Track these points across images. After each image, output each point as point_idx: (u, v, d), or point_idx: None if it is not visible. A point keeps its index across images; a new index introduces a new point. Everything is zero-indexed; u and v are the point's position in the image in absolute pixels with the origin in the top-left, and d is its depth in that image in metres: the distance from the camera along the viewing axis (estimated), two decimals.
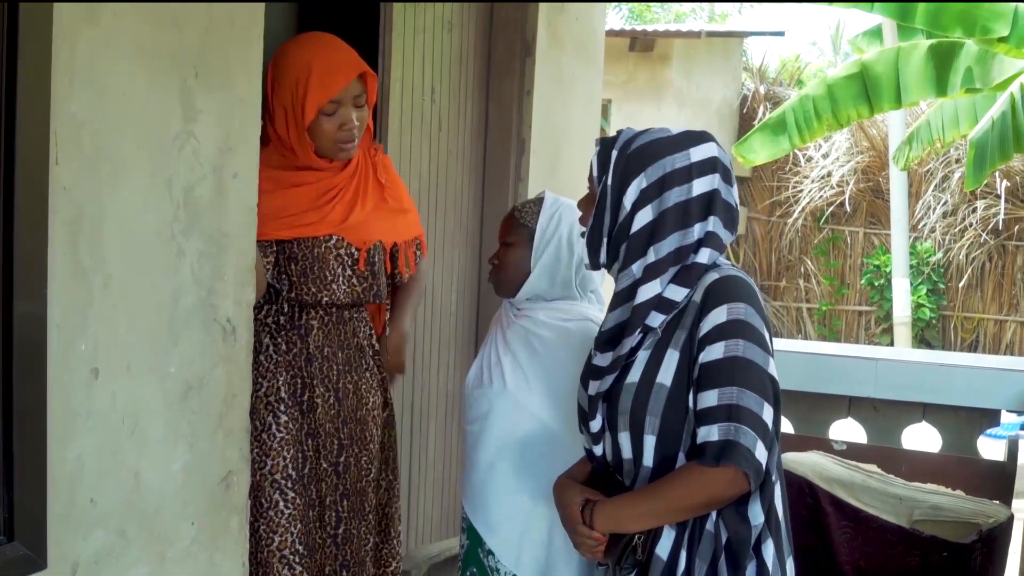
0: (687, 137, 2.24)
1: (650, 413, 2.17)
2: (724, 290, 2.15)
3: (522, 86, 4.62)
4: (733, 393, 2.08)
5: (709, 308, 2.14)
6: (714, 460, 2.06)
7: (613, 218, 2.24)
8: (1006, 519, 3.59)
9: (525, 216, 2.86)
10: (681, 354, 2.16)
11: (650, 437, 2.18)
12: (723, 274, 2.18)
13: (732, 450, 2.05)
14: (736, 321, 2.12)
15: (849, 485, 3.70)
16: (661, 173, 2.19)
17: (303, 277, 2.85)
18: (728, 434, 2.06)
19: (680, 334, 2.17)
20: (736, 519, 2.15)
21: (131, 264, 2.05)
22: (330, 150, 2.84)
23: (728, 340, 2.11)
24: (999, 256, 14.06)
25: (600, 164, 2.27)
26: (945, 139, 9.25)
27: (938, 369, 4.42)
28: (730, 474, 2.07)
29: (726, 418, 2.07)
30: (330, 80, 2.79)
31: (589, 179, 2.32)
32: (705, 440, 2.09)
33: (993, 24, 6.82)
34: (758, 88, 15.33)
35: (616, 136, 2.28)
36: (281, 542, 2.80)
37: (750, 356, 2.10)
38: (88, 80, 1.91)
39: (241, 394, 2.40)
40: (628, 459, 2.24)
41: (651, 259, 2.19)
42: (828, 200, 14.58)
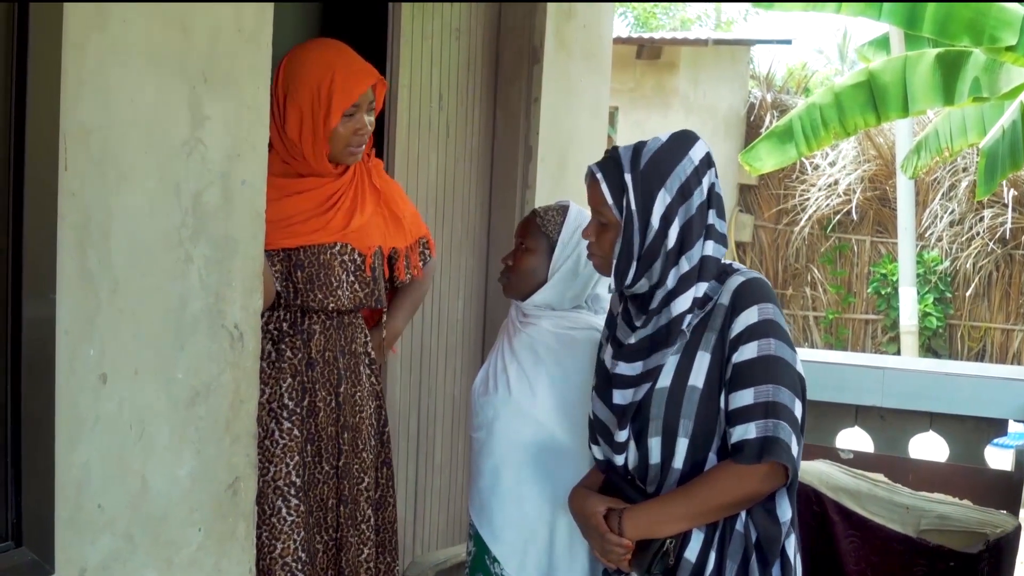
0: (681, 141, 2.28)
1: (684, 416, 2.21)
2: (753, 291, 2.21)
3: (530, 93, 4.62)
4: (769, 391, 2.14)
5: (740, 309, 2.19)
6: (755, 457, 2.12)
7: (642, 238, 2.24)
8: (1013, 529, 3.58)
9: (547, 225, 2.84)
10: (712, 356, 2.21)
11: (683, 440, 2.22)
12: (747, 276, 2.25)
13: (773, 445, 2.11)
14: (767, 321, 2.18)
15: (856, 494, 3.69)
16: (679, 184, 2.22)
17: (309, 284, 2.85)
18: (767, 431, 2.12)
19: (710, 336, 2.22)
20: (766, 517, 2.21)
21: (139, 270, 2.05)
22: (342, 154, 2.86)
23: (760, 340, 2.17)
24: (1006, 265, 14.03)
25: (615, 189, 2.26)
26: (953, 148, 9.24)
27: (945, 378, 4.41)
28: (767, 470, 2.13)
29: (763, 415, 2.13)
30: (354, 84, 2.81)
31: (597, 206, 2.31)
32: (743, 439, 2.14)
33: (1001, 33, 6.82)
34: (765, 96, 15.32)
35: (615, 158, 2.28)
36: (284, 549, 2.79)
37: (781, 354, 2.17)
38: (97, 86, 1.92)
39: (248, 400, 2.40)
40: (655, 464, 2.26)
41: (684, 268, 2.23)
42: (835, 208, 14.56)
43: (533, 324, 2.84)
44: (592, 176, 2.31)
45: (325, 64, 2.80)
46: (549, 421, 2.77)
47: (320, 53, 2.85)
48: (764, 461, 2.11)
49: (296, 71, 2.82)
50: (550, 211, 2.88)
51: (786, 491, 2.22)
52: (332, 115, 2.78)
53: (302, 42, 3.01)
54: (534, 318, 2.84)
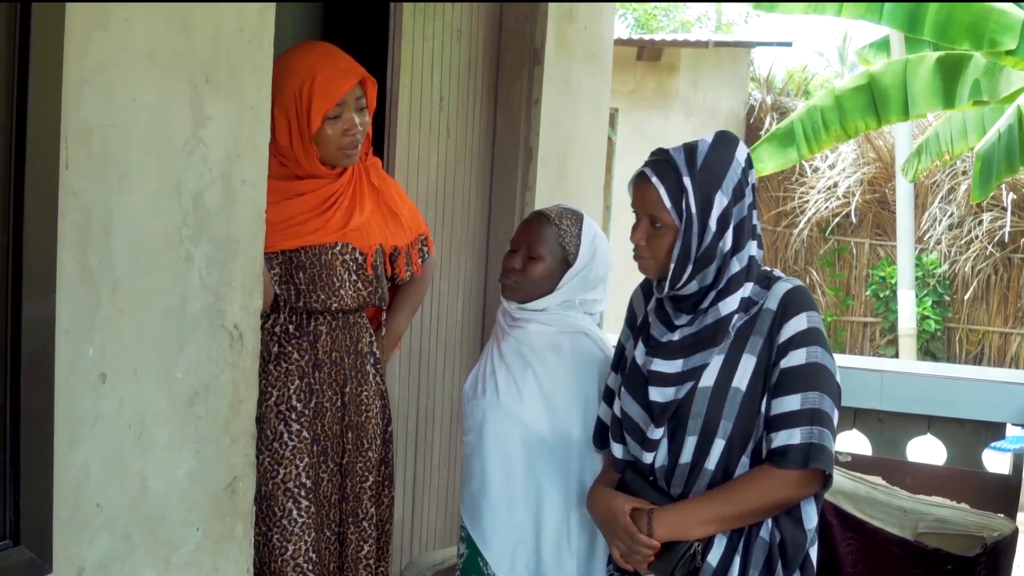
0: (726, 142, 2.28)
1: (724, 417, 2.22)
2: (802, 299, 2.25)
3: (530, 94, 4.62)
4: (815, 398, 2.17)
5: (790, 315, 2.22)
6: (800, 463, 2.14)
7: (699, 240, 2.24)
8: (1011, 533, 3.58)
9: (565, 236, 2.80)
10: (759, 359, 2.23)
11: (720, 441, 2.22)
12: (793, 284, 2.28)
13: (819, 452, 2.14)
14: (815, 329, 2.22)
15: (854, 497, 3.69)
16: (733, 185, 2.24)
17: (311, 285, 2.85)
18: (811, 437, 2.14)
19: (756, 339, 2.24)
20: (792, 523, 2.22)
21: (139, 269, 2.05)
22: (335, 156, 2.85)
23: (809, 347, 2.20)
24: (1005, 269, 14.03)
25: (674, 191, 2.24)
26: (954, 151, 9.25)
27: (944, 382, 4.40)
28: (807, 476, 2.16)
29: (809, 422, 2.15)
30: (334, 86, 2.79)
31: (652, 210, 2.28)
32: (786, 444, 2.16)
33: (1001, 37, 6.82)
34: (765, 98, 15.32)
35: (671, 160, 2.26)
36: (295, 551, 2.80)
37: (826, 363, 2.21)
38: (98, 85, 1.92)
39: (247, 400, 2.41)
40: (684, 463, 2.26)
41: (735, 269, 2.25)
42: (834, 211, 14.55)
43: (521, 327, 2.83)
44: (644, 179, 2.29)
45: (306, 67, 2.79)
46: (537, 424, 2.76)
47: (302, 56, 2.84)
48: (809, 467, 2.14)
49: (279, 76, 2.78)
50: (565, 219, 2.83)
51: (813, 498, 2.24)
52: (314, 118, 2.77)
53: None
54: (523, 321, 2.83)
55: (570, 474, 2.75)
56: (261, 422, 2.77)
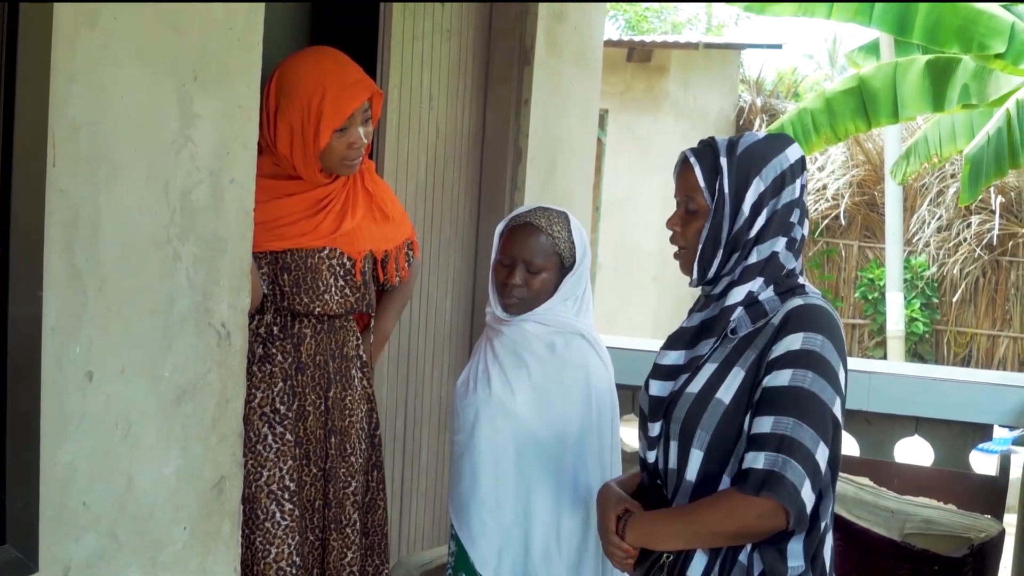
0: (779, 138, 2.20)
1: (701, 427, 2.10)
2: (805, 317, 2.07)
3: (520, 94, 4.62)
4: (788, 424, 1.98)
5: (785, 333, 2.06)
6: (754, 489, 1.97)
7: (730, 226, 2.15)
8: (997, 534, 3.59)
9: (560, 244, 2.79)
10: (747, 374, 2.09)
11: (697, 452, 2.11)
12: (808, 301, 2.11)
13: (776, 483, 1.96)
14: (810, 352, 2.03)
15: (841, 498, 3.70)
16: (774, 175, 2.14)
17: (295, 287, 2.84)
18: (775, 465, 1.97)
19: (750, 354, 2.10)
20: (774, 555, 2.07)
21: (126, 267, 2.05)
22: (337, 167, 2.83)
23: (797, 369, 2.02)
24: (993, 271, 14.06)
25: (709, 172, 2.17)
26: (943, 154, 9.28)
27: (931, 383, 4.42)
28: (767, 507, 1.97)
29: (776, 448, 1.98)
30: (344, 102, 2.76)
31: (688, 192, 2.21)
32: (750, 467, 2.00)
33: (990, 40, 6.85)
34: (755, 100, 15.34)
35: (712, 144, 2.20)
36: (278, 554, 2.79)
37: (816, 390, 2.01)
38: (87, 83, 1.91)
39: (235, 399, 2.40)
40: (673, 470, 2.17)
41: (752, 260, 2.14)
42: (823, 213, 14.58)
43: (515, 326, 2.82)
44: (684, 162, 2.23)
45: (317, 79, 2.75)
46: (530, 421, 2.75)
47: (312, 66, 2.80)
48: (763, 495, 1.96)
49: (287, 85, 2.77)
50: (555, 225, 2.81)
51: (801, 537, 2.07)
52: (322, 134, 2.75)
53: (293, 45, 3.00)
54: (516, 320, 2.83)
55: (562, 475, 2.74)
56: (245, 424, 2.75)
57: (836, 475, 2.11)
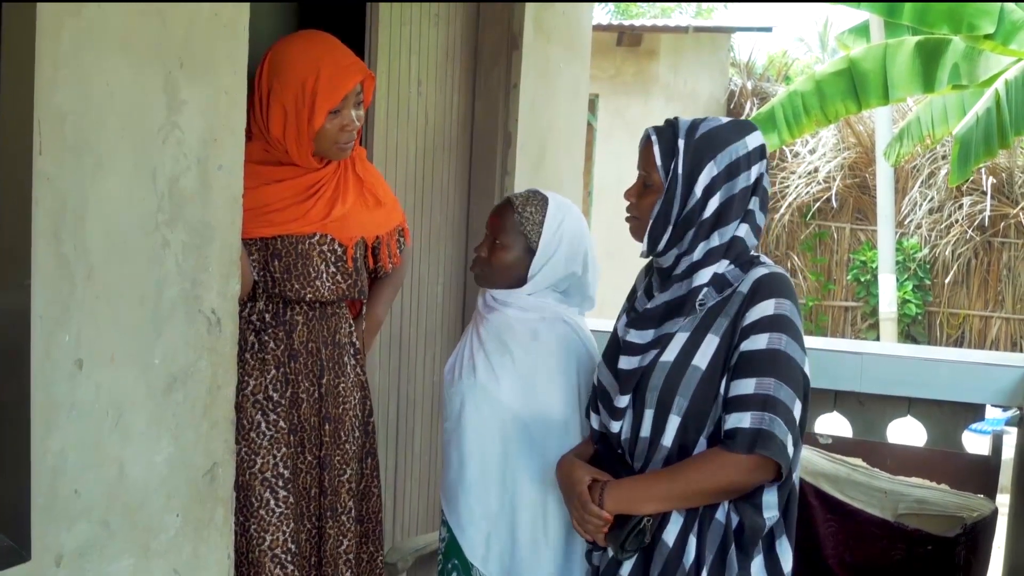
0: (740, 126, 2.32)
1: (679, 394, 2.21)
2: (774, 285, 2.22)
3: (508, 79, 4.61)
4: (771, 384, 2.13)
5: (758, 300, 2.20)
6: (745, 447, 2.11)
7: (681, 205, 2.27)
8: (990, 513, 3.60)
9: (526, 223, 2.78)
10: (721, 340, 2.22)
11: (675, 418, 2.22)
12: (771, 270, 2.26)
13: (767, 439, 2.10)
14: (782, 316, 2.18)
15: (834, 479, 3.71)
16: (728, 160, 2.25)
17: (286, 274, 2.83)
18: (762, 423, 2.11)
19: (722, 321, 2.23)
20: (750, 509, 2.19)
21: (115, 255, 2.04)
22: (330, 151, 2.82)
23: (772, 333, 2.17)
24: (985, 252, 14.09)
25: (666, 152, 2.29)
26: (935, 135, 9.29)
27: (923, 364, 4.42)
28: (755, 462, 2.12)
29: (761, 407, 2.12)
30: (338, 84, 2.76)
31: (646, 168, 2.33)
32: (736, 427, 2.13)
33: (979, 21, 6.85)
34: (745, 84, 15.33)
35: (674, 124, 2.31)
36: (273, 541, 2.79)
37: (791, 352, 2.17)
38: (72, 70, 1.90)
39: (226, 386, 2.40)
40: (645, 438, 2.27)
41: (715, 243, 2.26)
42: (815, 196, 14.59)
43: (499, 311, 2.82)
44: (647, 138, 2.34)
45: (310, 61, 2.75)
46: (515, 406, 2.75)
47: (306, 48, 2.79)
48: (755, 453, 2.11)
49: (280, 67, 2.76)
50: (528, 205, 2.81)
51: (776, 488, 2.21)
52: (316, 115, 2.74)
53: (281, 33, 2.98)
54: (501, 306, 2.82)
55: (548, 460, 2.75)
56: (238, 412, 2.76)
57: (804, 430, 2.23)
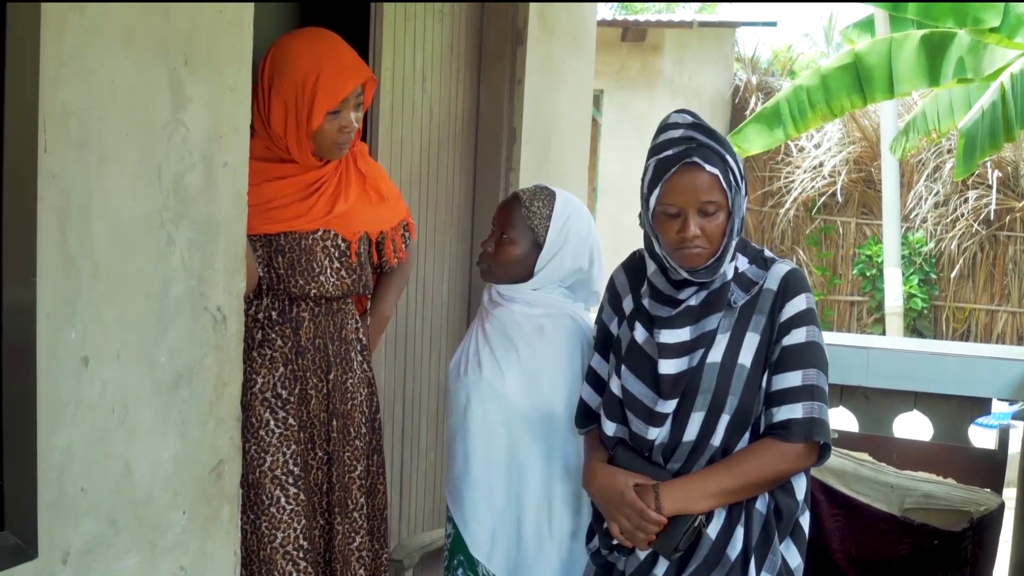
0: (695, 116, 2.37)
1: (731, 393, 2.28)
2: (801, 280, 2.35)
3: (513, 75, 4.61)
4: (813, 375, 2.27)
5: (790, 296, 2.31)
6: (803, 436, 2.25)
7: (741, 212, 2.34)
8: (997, 507, 3.60)
9: (533, 218, 2.78)
10: (761, 337, 2.31)
11: (726, 417, 2.29)
12: (791, 266, 2.38)
13: (820, 426, 2.25)
14: (812, 310, 2.33)
15: (840, 473, 3.70)
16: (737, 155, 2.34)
17: (290, 270, 2.83)
18: (812, 412, 2.25)
19: (759, 318, 2.32)
20: (785, 495, 2.32)
21: (120, 252, 2.04)
22: (327, 151, 2.82)
23: (808, 326, 2.30)
24: (991, 246, 14.06)
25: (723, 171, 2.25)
26: (941, 129, 9.27)
27: (929, 358, 4.41)
28: (808, 448, 2.27)
29: (810, 397, 2.26)
30: (339, 85, 2.76)
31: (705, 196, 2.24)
32: (788, 418, 2.26)
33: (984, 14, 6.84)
34: (750, 78, 15.31)
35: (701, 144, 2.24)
36: (284, 538, 2.79)
37: (821, 342, 2.32)
38: (76, 67, 1.90)
39: (232, 383, 2.40)
40: (688, 441, 2.31)
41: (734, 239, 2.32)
42: (820, 190, 14.56)
43: (504, 307, 2.81)
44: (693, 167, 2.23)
45: (312, 60, 2.75)
46: (520, 402, 2.74)
47: (308, 46, 2.79)
48: (814, 439, 2.25)
49: (282, 63, 2.76)
50: (536, 201, 2.81)
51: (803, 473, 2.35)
52: (315, 114, 2.74)
53: (285, 29, 2.98)
54: (507, 301, 2.81)
55: (552, 455, 2.75)
56: (247, 410, 2.76)
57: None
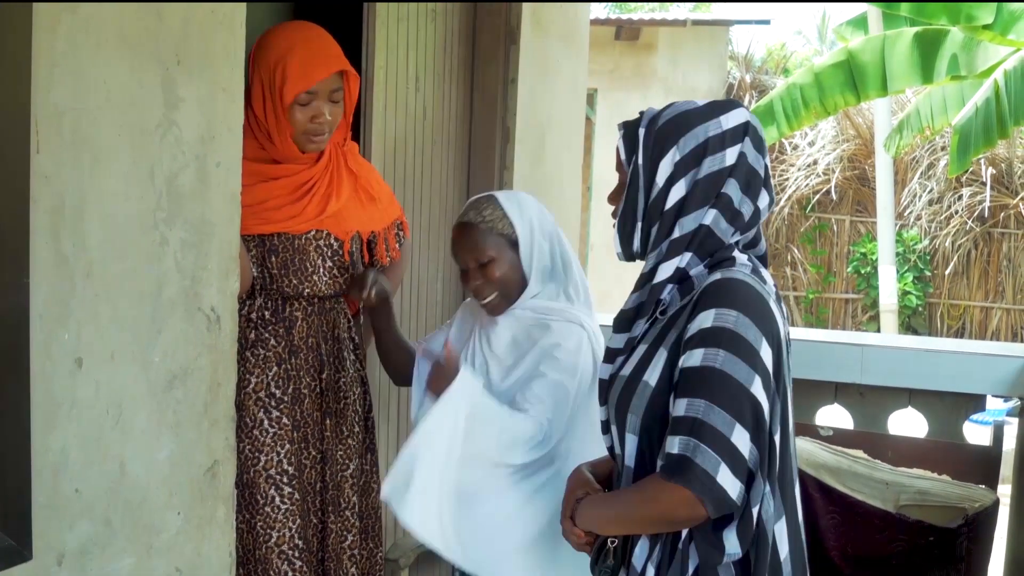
0: (715, 105, 2.09)
1: (632, 411, 2.03)
2: (719, 293, 1.95)
3: (506, 74, 4.61)
4: (700, 407, 1.88)
5: (699, 310, 1.95)
6: (669, 475, 1.88)
7: (646, 198, 2.07)
8: (991, 504, 3.61)
9: (495, 224, 2.75)
10: (669, 354, 1.99)
11: (631, 436, 2.05)
12: (727, 275, 1.99)
13: (686, 469, 1.86)
14: (721, 329, 1.91)
15: (836, 471, 3.71)
16: (695, 143, 2.04)
17: (284, 270, 2.84)
18: (686, 450, 1.86)
19: (673, 334, 2.00)
20: (707, 541, 1.95)
21: (114, 253, 2.04)
22: (300, 141, 2.82)
23: (708, 348, 1.90)
24: (985, 243, 14.09)
25: (628, 145, 2.10)
26: (934, 126, 9.28)
27: (924, 355, 4.42)
28: (683, 494, 1.87)
29: (688, 432, 1.87)
30: (310, 69, 2.77)
31: (617, 167, 2.16)
32: (667, 451, 1.90)
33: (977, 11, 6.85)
34: (744, 76, 15.34)
35: (640, 116, 2.13)
36: (279, 538, 2.79)
37: (728, 369, 1.89)
38: (69, 68, 1.90)
39: (226, 383, 2.39)
40: (619, 455, 2.12)
41: (676, 234, 2.04)
42: (814, 188, 14.59)
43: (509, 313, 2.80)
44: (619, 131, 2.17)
45: (288, 43, 2.78)
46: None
47: (287, 31, 2.83)
48: (674, 482, 1.87)
49: (262, 47, 2.80)
50: (483, 211, 2.77)
51: (735, 525, 1.92)
52: (286, 95, 2.75)
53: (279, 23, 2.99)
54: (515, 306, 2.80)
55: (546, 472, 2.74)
56: (240, 409, 2.76)
57: (772, 459, 1.96)
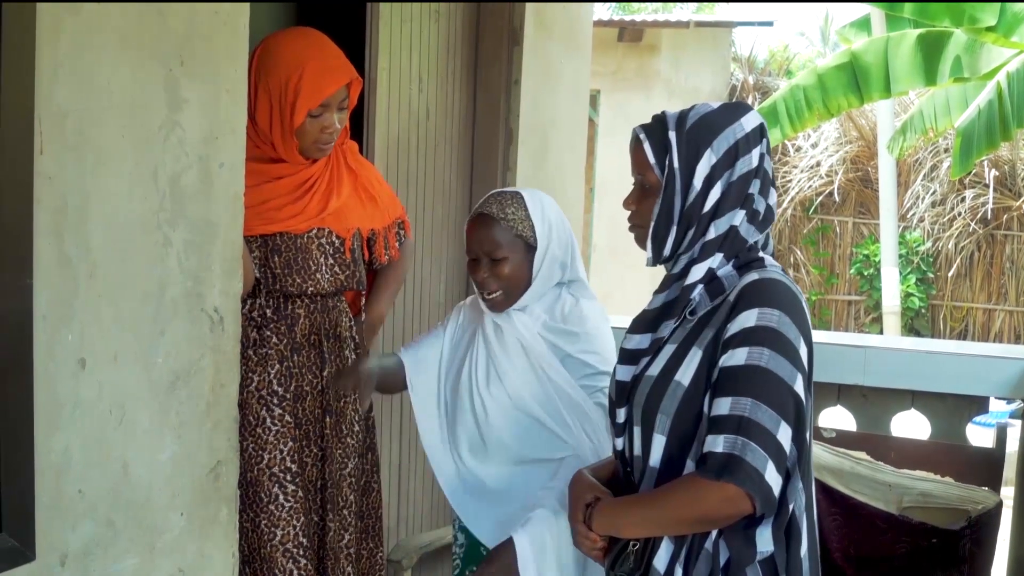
0: (733, 108, 2.11)
1: (662, 411, 2.02)
2: (760, 293, 1.97)
3: (509, 75, 4.61)
4: (747, 405, 1.89)
5: (740, 310, 1.96)
6: (715, 474, 1.88)
7: (683, 200, 2.06)
8: (995, 505, 3.60)
9: (516, 226, 2.67)
10: (704, 354, 2.00)
11: (659, 436, 2.04)
12: (764, 276, 2.01)
13: (736, 467, 1.86)
14: (765, 328, 1.93)
15: (838, 472, 3.71)
16: (727, 145, 2.05)
17: (287, 269, 2.85)
18: (734, 448, 1.87)
19: (707, 333, 2.01)
20: (741, 540, 1.97)
21: (117, 254, 2.04)
22: (308, 149, 2.84)
23: (752, 347, 1.92)
24: (988, 245, 14.07)
25: (658, 148, 2.09)
26: (938, 128, 9.28)
27: (927, 357, 4.41)
28: (729, 492, 1.88)
29: (735, 430, 1.88)
30: (323, 84, 2.77)
31: (640, 170, 2.14)
32: (710, 450, 1.90)
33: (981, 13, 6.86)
34: (747, 78, 15.32)
35: (662, 118, 2.12)
36: (283, 535, 2.80)
37: (773, 368, 1.91)
38: (72, 69, 1.90)
39: (229, 384, 2.40)
40: (638, 456, 2.11)
41: (710, 235, 2.05)
42: (817, 190, 14.58)
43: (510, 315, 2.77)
44: (636, 139, 2.14)
45: (297, 58, 2.76)
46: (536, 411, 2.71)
47: (295, 44, 2.81)
48: (723, 480, 1.87)
49: (268, 60, 2.78)
50: (507, 208, 2.69)
51: (770, 522, 1.95)
52: (297, 113, 2.76)
53: (281, 28, 2.99)
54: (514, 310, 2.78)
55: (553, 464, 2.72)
56: (243, 408, 2.76)
57: (804, 455, 1.99)
